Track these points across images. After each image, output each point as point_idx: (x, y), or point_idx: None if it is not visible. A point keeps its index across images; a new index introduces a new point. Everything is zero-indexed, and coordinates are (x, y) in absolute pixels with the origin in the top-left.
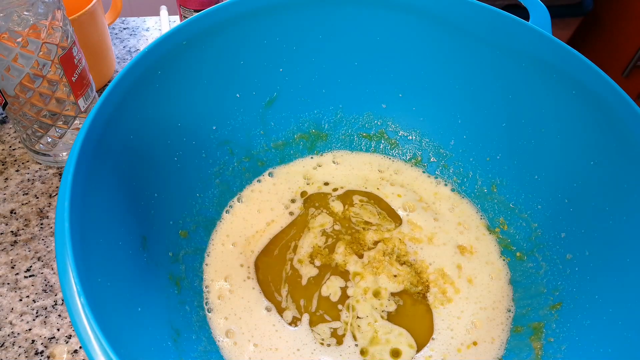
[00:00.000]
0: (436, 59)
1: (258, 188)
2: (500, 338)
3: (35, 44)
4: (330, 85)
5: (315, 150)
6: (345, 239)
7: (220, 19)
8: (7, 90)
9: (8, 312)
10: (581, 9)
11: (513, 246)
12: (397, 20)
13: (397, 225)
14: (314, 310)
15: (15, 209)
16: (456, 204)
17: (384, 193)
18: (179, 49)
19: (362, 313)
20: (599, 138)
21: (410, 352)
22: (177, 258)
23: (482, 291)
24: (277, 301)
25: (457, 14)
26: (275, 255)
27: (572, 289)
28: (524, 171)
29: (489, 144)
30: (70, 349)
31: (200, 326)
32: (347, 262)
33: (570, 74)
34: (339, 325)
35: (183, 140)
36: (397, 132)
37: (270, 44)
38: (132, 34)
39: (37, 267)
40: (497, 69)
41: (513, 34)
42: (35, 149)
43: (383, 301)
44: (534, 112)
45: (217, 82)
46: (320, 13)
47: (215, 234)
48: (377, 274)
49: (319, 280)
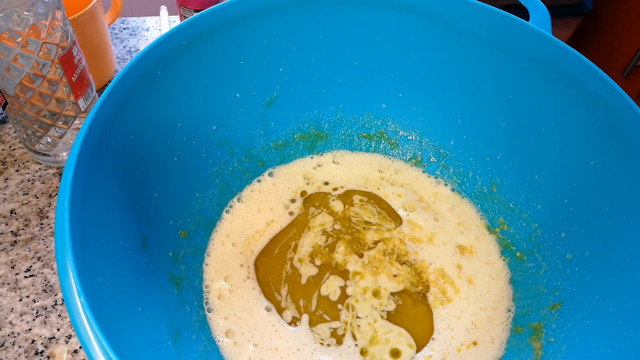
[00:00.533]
0: (436, 59)
1: (258, 188)
2: (500, 338)
3: (35, 44)
4: (330, 85)
5: (315, 150)
6: (346, 239)
7: (220, 19)
8: (7, 90)
9: (8, 312)
10: (581, 9)
11: (513, 246)
12: (397, 20)
13: (397, 225)
14: (314, 310)
15: (15, 209)
16: (456, 204)
17: (384, 193)
18: (179, 49)
19: (361, 313)
20: (599, 138)
21: (410, 352)
22: (177, 258)
23: (482, 291)
24: (277, 301)
25: (457, 14)
26: (275, 255)
27: (572, 289)
28: (524, 171)
29: (489, 144)
30: (70, 349)
31: (200, 326)
32: (347, 262)
33: (570, 74)
34: (338, 325)
35: (183, 140)
36: (397, 132)
37: (270, 44)
38: (132, 34)
39: (37, 267)
40: (497, 69)
41: (513, 34)
42: (35, 149)
43: (383, 301)
44: (534, 112)
45: (217, 82)
46: (320, 13)
47: (215, 234)
48: (377, 274)
49: (318, 280)
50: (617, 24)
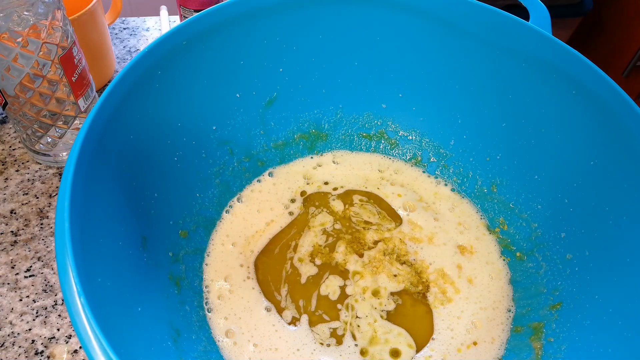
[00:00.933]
0: (436, 59)
1: (258, 188)
2: (501, 338)
3: (35, 44)
4: (330, 85)
5: (315, 150)
6: (346, 238)
7: (220, 19)
8: (7, 90)
9: (8, 312)
10: (581, 9)
11: (513, 246)
12: (397, 21)
13: (398, 224)
14: (314, 309)
15: (15, 209)
16: (456, 204)
17: (384, 193)
18: (179, 49)
19: (361, 313)
20: (599, 138)
21: (410, 352)
22: (177, 258)
23: (482, 291)
24: (277, 301)
25: (457, 14)
26: (275, 255)
27: (572, 289)
28: (524, 171)
29: (489, 144)
30: (70, 349)
31: (200, 326)
32: (347, 261)
33: (570, 74)
34: (338, 325)
35: (183, 140)
36: (397, 132)
37: (270, 44)
38: (132, 34)
39: (37, 267)
40: (497, 69)
41: (513, 34)
42: (35, 149)
43: (382, 300)
44: (533, 112)
45: (217, 82)
46: (320, 13)
47: (215, 234)
48: (377, 274)
49: (318, 280)
50: (617, 24)
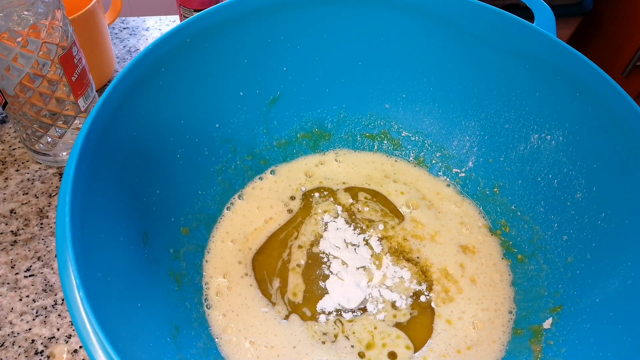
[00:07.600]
0: (440, 60)
1: (259, 185)
2: (501, 340)
3: (35, 43)
4: (333, 84)
5: (318, 150)
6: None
7: (222, 18)
8: (7, 90)
9: (8, 312)
10: (581, 8)
11: (515, 248)
12: (401, 21)
13: (400, 222)
14: (311, 306)
15: (15, 209)
16: (458, 205)
17: (386, 190)
18: (181, 48)
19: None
20: (602, 140)
21: (409, 352)
22: (178, 255)
23: (484, 292)
24: (270, 295)
25: (461, 15)
26: (272, 253)
27: (573, 292)
28: (527, 173)
29: (492, 146)
30: (70, 348)
31: (200, 323)
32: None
33: (575, 76)
34: (335, 322)
35: (186, 138)
36: (400, 133)
37: (274, 43)
38: (132, 34)
39: (37, 266)
40: (500, 71)
41: (517, 35)
42: (35, 148)
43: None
44: (537, 114)
45: (220, 80)
46: (324, 13)
47: (215, 231)
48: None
49: (317, 277)
50: (617, 24)
